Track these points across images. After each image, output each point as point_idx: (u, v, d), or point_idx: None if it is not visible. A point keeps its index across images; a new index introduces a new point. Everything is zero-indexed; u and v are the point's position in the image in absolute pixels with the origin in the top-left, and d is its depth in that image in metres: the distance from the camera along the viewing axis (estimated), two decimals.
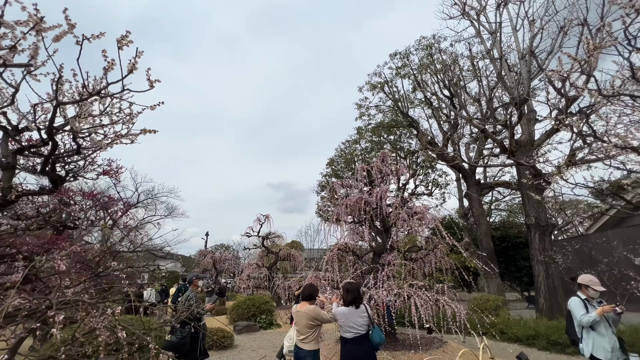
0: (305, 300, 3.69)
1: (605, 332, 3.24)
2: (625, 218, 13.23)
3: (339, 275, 5.84)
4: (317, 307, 3.55)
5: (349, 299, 3.52)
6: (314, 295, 3.72)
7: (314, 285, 3.93)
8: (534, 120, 10.38)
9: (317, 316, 3.46)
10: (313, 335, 3.47)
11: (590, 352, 3.25)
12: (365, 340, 3.38)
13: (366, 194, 6.28)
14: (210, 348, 7.04)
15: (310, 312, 3.52)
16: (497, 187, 14.11)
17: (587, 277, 3.66)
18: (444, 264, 6.30)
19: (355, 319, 3.42)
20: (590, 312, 3.31)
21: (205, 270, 20.99)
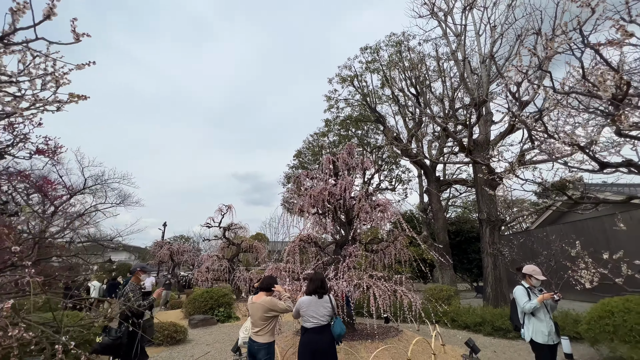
0: (262, 291, 3.54)
1: (543, 318, 3.50)
2: (561, 215, 14.70)
3: (300, 267, 5.74)
4: (273, 298, 3.41)
5: (311, 288, 3.48)
6: (272, 286, 3.59)
7: (272, 277, 3.76)
8: (491, 121, 11.02)
9: (273, 307, 3.33)
10: (268, 327, 3.34)
11: (530, 336, 3.50)
12: (326, 331, 3.32)
13: (331, 185, 6.21)
14: (161, 344, 6.63)
15: (266, 303, 3.37)
16: (455, 184, 14.92)
17: (530, 267, 3.94)
18: (403, 255, 6.47)
19: (317, 308, 3.35)
20: (532, 299, 3.54)
21: (162, 263, 19.87)
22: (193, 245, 30.78)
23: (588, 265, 3.76)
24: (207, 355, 6.08)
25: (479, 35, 11.23)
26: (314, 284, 3.49)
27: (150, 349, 6.43)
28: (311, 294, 3.44)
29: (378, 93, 14.75)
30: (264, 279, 3.72)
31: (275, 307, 3.33)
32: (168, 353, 6.22)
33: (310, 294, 3.44)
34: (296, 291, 5.02)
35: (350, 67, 14.01)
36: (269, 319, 3.34)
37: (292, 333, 6.01)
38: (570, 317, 6.37)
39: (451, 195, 18.82)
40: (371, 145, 18.58)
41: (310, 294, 3.44)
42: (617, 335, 4.31)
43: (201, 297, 10.21)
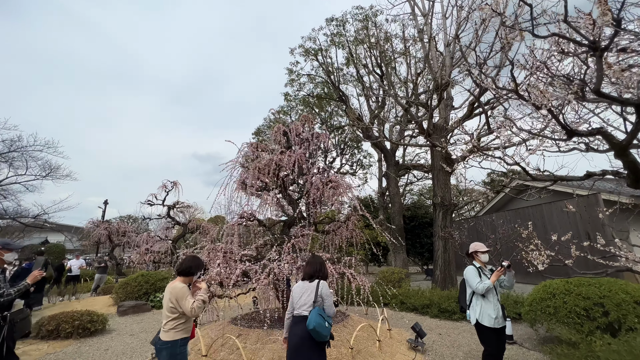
0: (179, 275, 2.81)
1: (492, 300, 3.23)
2: (506, 203, 15.60)
3: (238, 248, 5.04)
4: (184, 288, 2.68)
5: (307, 271, 2.97)
6: (192, 270, 2.84)
7: (196, 258, 3.00)
8: (451, 106, 10.98)
9: (177, 299, 2.62)
10: (173, 323, 2.64)
11: (477, 318, 3.22)
12: (302, 321, 2.68)
13: (279, 155, 5.50)
14: (69, 336, 5.60)
15: (173, 291, 2.66)
16: (413, 170, 15.06)
17: (472, 245, 3.69)
18: (355, 237, 6.05)
19: (304, 296, 2.80)
20: (483, 280, 3.26)
21: (99, 244, 17.88)
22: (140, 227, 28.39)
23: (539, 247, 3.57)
24: (125, 348, 5.22)
25: (446, 18, 10.97)
26: (312, 267, 2.95)
27: (53, 342, 5.41)
28: (305, 279, 2.92)
29: (343, 71, 14.08)
30: (184, 260, 2.96)
31: (179, 302, 2.61)
32: (76, 347, 5.24)
33: (304, 279, 2.93)
34: (230, 274, 4.33)
35: (315, 39, 13.11)
36: (174, 312, 2.64)
37: (227, 322, 5.35)
38: (512, 298, 6.50)
39: (408, 181, 19.14)
40: (334, 126, 18.03)
41: (303, 279, 2.94)
42: (556, 317, 4.28)
43: (134, 281, 9.10)
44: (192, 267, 2.84)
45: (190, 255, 3.07)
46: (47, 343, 5.36)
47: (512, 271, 3.37)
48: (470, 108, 9.77)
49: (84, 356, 4.86)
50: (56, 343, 5.39)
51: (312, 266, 2.97)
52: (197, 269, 2.89)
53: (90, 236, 17.07)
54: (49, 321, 5.54)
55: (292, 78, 13.96)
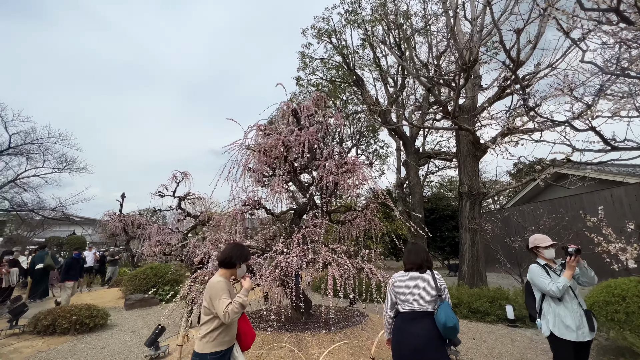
0: (220, 267, 2.22)
1: (569, 304, 2.46)
2: (537, 194, 14.38)
3: (241, 238, 4.46)
4: (221, 284, 2.05)
5: (413, 260, 2.52)
6: (234, 260, 2.20)
7: (238, 246, 2.35)
8: (479, 86, 9.96)
9: (210, 297, 2.03)
10: (206, 328, 2.04)
11: (550, 329, 2.47)
12: (425, 320, 2.31)
13: (286, 135, 4.85)
14: (66, 332, 5.24)
15: (208, 286, 2.10)
16: (435, 158, 14.07)
17: (532, 238, 2.92)
18: (374, 226, 5.35)
19: (417, 288, 2.39)
20: (554, 279, 2.51)
21: (114, 236, 18.00)
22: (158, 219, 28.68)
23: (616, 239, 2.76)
24: (123, 347, 4.79)
25: None
26: (418, 256, 2.54)
27: (49, 338, 5.05)
28: (411, 270, 2.50)
29: (358, 54, 13.20)
30: (224, 248, 2.36)
31: (212, 301, 2.00)
32: (72, 344, 4.86)
33: (409, 270, 2.51)
34: None
35: (328, 19, 12.26)
36: (208, 314, 2.06)
37: None
38: None
39: (429, 172, 18.10)
40: (349, 115, 17.21)
41: (409, 269, 2.51)
42: (630, 325, 3.45)
43: (143, 274, 8.82)
44: (233, 256, 2.20)
45: (232, 243, 2.46)
46: (43, 339, 5.02)
47: (583, 260, 2.56)
48: (501, 86, 8.75)
49: (77, 355, 4.45)
50: (52, 339, 5.03)
51: (418, 254, 2.55)
52: (239, 259, 2.22)
53: (106, 228, 17.19)
54: (45, 316, 5.20)
55: (305, 62, 13.24)
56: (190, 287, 3.76)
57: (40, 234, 22.07)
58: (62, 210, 17.08)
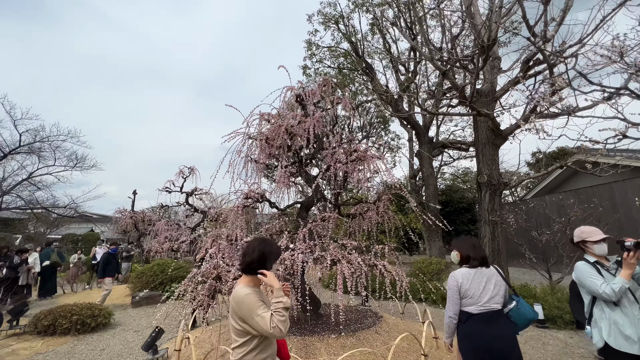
0: (244, 273, 1.72)
1: (628, 309, 2.01)
2: (560, 184, 13.57)
3: (242, 233, 4.11)
4: (251, 296, 1.58)
5: (479, 255, 2.33)
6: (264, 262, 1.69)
7: (267, 242, 1.80)
8: (498, 68, 9.27)
9: (242, 316, 1.57)
10: (240, 352, 1.60)
11: (604, 339, 2.02)
12: (501, 320, 2.18)
13: (290, 120, 4.45)
14: (67, 332, 5.05)
15: (235, 301, 1.60)
16: (450, 148, 13.42)
17: (578, 231, 2.46)
18: (387, 219, 4.92)
19: (489, 285, 2.22)
20: (608, 279, 2.06)
21: (126, 232, 18.15)
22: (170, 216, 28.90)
23: None
24: (124, 348, 4.56)
25: None
26: (480, 250, 2.36)
27: (49, 339, 4.87)
28: (476, 266, 2.29)
29: (367, 38, 12.59)
30: (249, 246, 1.76)
31: (248, 320, 1.55)
32: (71, 345, 4.66)
33: (475, 266, 2.29)
34: (230, 266, 3.42)
35: (335, 4, 11.69)
36: (242, 333, 1.60)
37: None
38: None
39: (442, 163, 17.40)
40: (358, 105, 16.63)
41: (476, 265, 2.29)
42: None
43: (150, 271, 8.65)
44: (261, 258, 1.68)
45: (257, 238, 1.85)
46: (43, 340, 4.84)
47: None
48: (524, 67, 8.07)
49: (75, 357, 4.24)
50: (52, 340, 4.85)
51: (480, 247, 2.40)
52: (271, 258, 1.72)
53: (118, 225, 17.32)
54: (45, 315, 5.03)
55: (312, 51, 12.74)
56: (185, 287, 3.44)
57: (56, 231, 22.54)
58: (74, 208, 17.29)
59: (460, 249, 2.44)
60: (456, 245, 2.52)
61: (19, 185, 15.53)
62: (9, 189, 14.43)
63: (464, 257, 2.38)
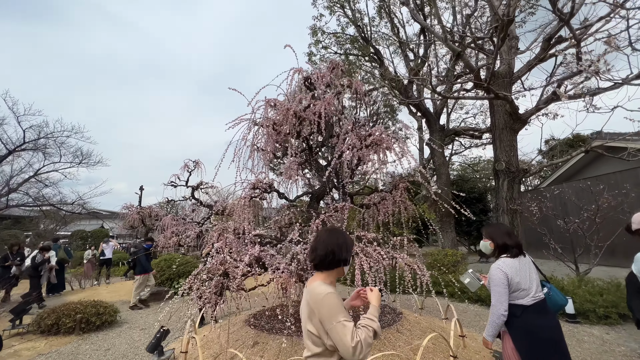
0: (317, 270, 1.45)
1: None
2: (579, 171, 13.02)
3: (250, 226, 3.82)
4: (334, 297, 1.29)
5: (518, 242, 2.18)
6: (342, 255, 1.42)
7: (340, 232, 1.51)
8: (516, 49, 8.75)
9: (321, 319, 1.27)
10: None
11: None
12: (547, 307, 2.14)
13: (297, 104, 4.11)
14: (71, 331, 4.86)
15: (313, 300, 1.31)
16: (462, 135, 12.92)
17: (637, 216, 2.27)
18: (404, 208, 4.58)
19: (532, 274, 2.13)
20: None
21: (133, 228, 18.15)
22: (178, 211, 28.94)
23: None
24: (129, 349, 4.35)
25: None
26: (514, 239, 2.19)
27: (53, 339, 4.69)
28: (517, 255, 2.14)
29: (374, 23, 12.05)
30: (319, 237, 1.50)
31: (325, 325, 1.25)
32: (75, 345, 4.46)
33: (517, 255, 2.14)
34: (238, 262, 3.14)
35: None
36: (319, 345, 1.29)
37: (243, 321, 4.21)
38: None
39: (453, 152, 16.90)
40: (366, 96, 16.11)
41: (517, 254, 2.14)
42: None
43: (157, 267, 8.49)
44: (336, 252, 1.39)
45: (326, 229, 1.59)
46: (47, 339, 4.66)
47: None
48: (546, 45, 7.55)
49: (79, 358, 4.03)
50: (56, 339, 4.67)
51: (514, 236, 2.23)
52: (347, 250, 1.45)
53: (125, 221, 17.29)
54: (48, 314, 4.84)
55: (317, 38, 12.27)
56: (190, 285, 3.18)
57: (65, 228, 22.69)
58: (82, 204, 17.29)
59: (494, 237, 2.24)
60: (489, 233, 2.30)
61: (26, 183, 15.52)
62: (16, 186, 14.41)
63: (499, 246, 2.20)
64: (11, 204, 14.96)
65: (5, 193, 13.82)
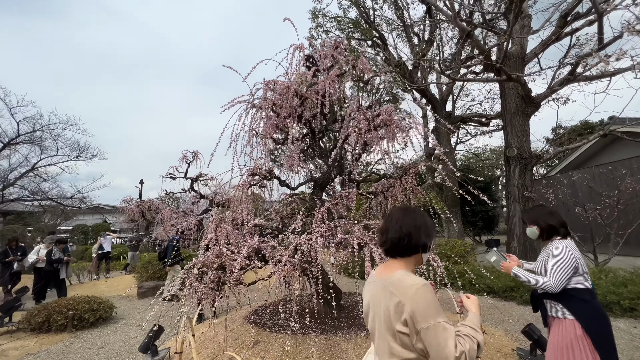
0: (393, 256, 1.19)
1: None
2: (590, 158, 12.61)
3: (247, 216, 3.51)
4: (432, 293, 1.04)
5: (564, 222, 2.00)
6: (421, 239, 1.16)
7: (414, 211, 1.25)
8: (529, 28, 8.27)
9: (418, 311, 0.97)
10: None
11: None
12: None
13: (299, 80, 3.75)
14: (63, 329, 4.62)
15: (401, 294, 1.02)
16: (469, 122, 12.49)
17: None
18: (414, 196, 4.26)
19: None
20: None
21: (133, 221, 17.96)
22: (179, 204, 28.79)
23: None
24: (122, 347, 4.10)
25: None
26: (560, 218, 2.01)
27: (44, 337, 4.45)
28: (567, 234, 1.99)
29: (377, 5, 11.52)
30: (392, 216, 1.24)
31: (421, 321, 0.97)
32: (67, 344, 4.22)
33: (567, 235, 1.98)
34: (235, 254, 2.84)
35: None
36: (410, 351, 1.00)
37: (243, 317, 3.94)
38: None
39: (458, 141, 16.47)
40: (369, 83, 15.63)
41: (566, 234, 1.98)
42: None
43: (156, 260, 8.24)
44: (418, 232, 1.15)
45: (399, 208, 1.33)
46: (37, 338, 4.42)
47: None
48: (561, 22, 7.08)
49: (70, 358, 3.79)
50: (47, 337, 4.43)
51: (558, 215, 2.04)
52: (428, 233, 1.19)
53: (125, 214, 17.07)
54: (39, 311, 4.59)
55: (318, 23, 11.77)
56: (183, 280, 2.89)
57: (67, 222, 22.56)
58: (80, 198, 17.07)
59: (537, 220, 2.05)
60: (531, 218, 2.11)
61: (24, 177, 15.28)
62: (13, 181, 14.16)
63: (544, 228, 2.02)
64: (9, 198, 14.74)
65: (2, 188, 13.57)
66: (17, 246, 7.81)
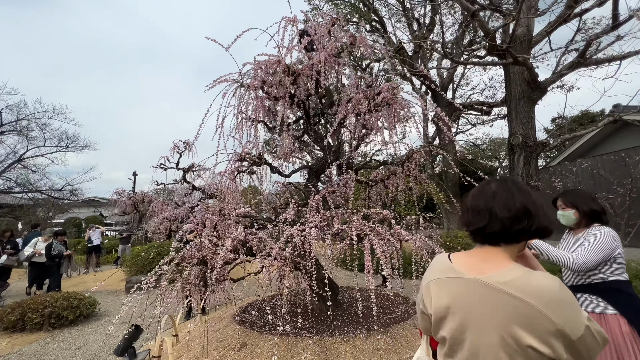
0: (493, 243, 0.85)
1: None
2: (593, 148, 12.36)
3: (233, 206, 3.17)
4: (565, 287, 0.74)
5: (602, 208, 1.80)
6: (542, 224, 0.82)
7: (518, 183, 0.89)
8: (535, 9, 7.86)
9: (563, 320, 0.70)
10: None
11: None
12: None
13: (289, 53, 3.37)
14: (39, 328, 4.30)
15: (536, 300, 0.71)
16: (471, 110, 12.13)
17: None
18: (416, 184, 3.94)
19: None
20: None
21: (125, 214, 17.58)
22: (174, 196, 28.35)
23: None
24: (101, 348, 3.80)
25: None
26: (599, 204, 1.82)
27: (18, 336, 4.13)
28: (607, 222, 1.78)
29: None
30: (495, 189, 0.87)
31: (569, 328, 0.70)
32: (42, 344, 3.90)
33: (607, 223, 1.78)
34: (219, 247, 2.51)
35: None
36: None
37: (230, 316, 3.63)
38: None
39: (458, 130, 16.14)
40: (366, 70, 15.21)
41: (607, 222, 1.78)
42: None
43: (146, 253, 7.92)
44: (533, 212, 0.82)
45: (494, 179, 0.93)
46: (10, 337, 4.10)
47: None
48: (570, 3, 6.68)
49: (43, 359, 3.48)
50: (21, 337, 4.11)
51: (598, 201, 1.86)
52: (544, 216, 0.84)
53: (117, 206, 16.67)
54: (12, 309, 4.25)
55: (314, 5, 11.24)
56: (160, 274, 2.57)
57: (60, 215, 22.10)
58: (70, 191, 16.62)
59: (577, 204, 1.82)
60: (570, 200, 1.86)
61: (11, 169, 14.78)
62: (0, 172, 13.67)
63: (586, 213, 1.78)
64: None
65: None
66: (9, 239, 7.45)
